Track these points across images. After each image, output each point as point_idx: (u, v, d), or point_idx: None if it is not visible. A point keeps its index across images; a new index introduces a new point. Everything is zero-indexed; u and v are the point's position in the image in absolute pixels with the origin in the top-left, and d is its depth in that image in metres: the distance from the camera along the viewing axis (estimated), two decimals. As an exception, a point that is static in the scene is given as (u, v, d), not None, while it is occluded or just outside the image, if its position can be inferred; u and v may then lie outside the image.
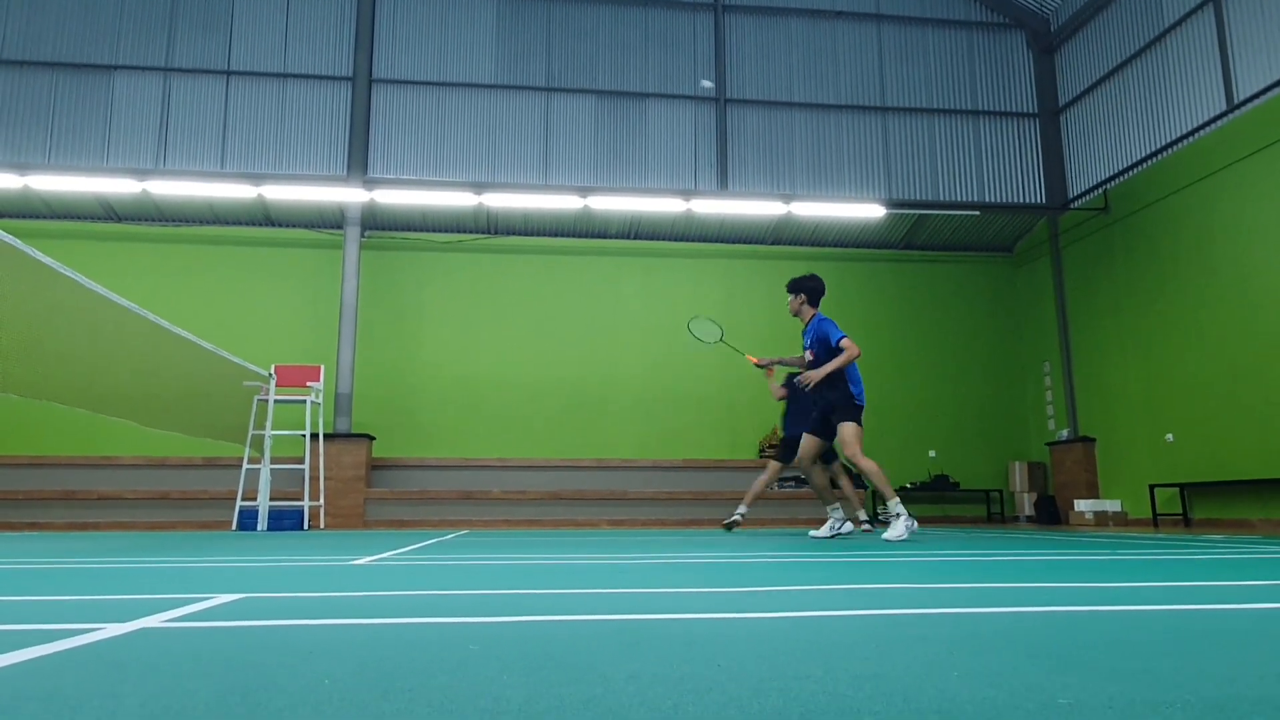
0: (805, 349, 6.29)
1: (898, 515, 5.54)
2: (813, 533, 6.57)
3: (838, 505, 6.53)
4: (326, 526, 10.19)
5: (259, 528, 8.97)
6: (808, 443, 6.13)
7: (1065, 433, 12.34)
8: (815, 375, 5.91)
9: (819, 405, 6.11)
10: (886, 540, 5.45)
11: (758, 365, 7.19)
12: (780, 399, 7.88)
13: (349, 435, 10.89)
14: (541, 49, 12.65)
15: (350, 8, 12.39)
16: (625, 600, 2.10)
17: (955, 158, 13.04)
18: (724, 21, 13.03)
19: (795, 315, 6.43)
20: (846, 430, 5.86)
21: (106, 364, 5.96)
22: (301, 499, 9.73)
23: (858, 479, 9.10)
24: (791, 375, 7.42)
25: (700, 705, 0.95)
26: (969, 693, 1.00)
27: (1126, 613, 1.81)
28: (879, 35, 13.28)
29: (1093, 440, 11.94)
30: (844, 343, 5.88)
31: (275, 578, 2.77)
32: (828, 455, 7.25)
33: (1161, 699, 0.97)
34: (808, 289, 6.36)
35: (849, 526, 6.63)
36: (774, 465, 7.92)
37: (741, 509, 7.91)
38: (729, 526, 7.94)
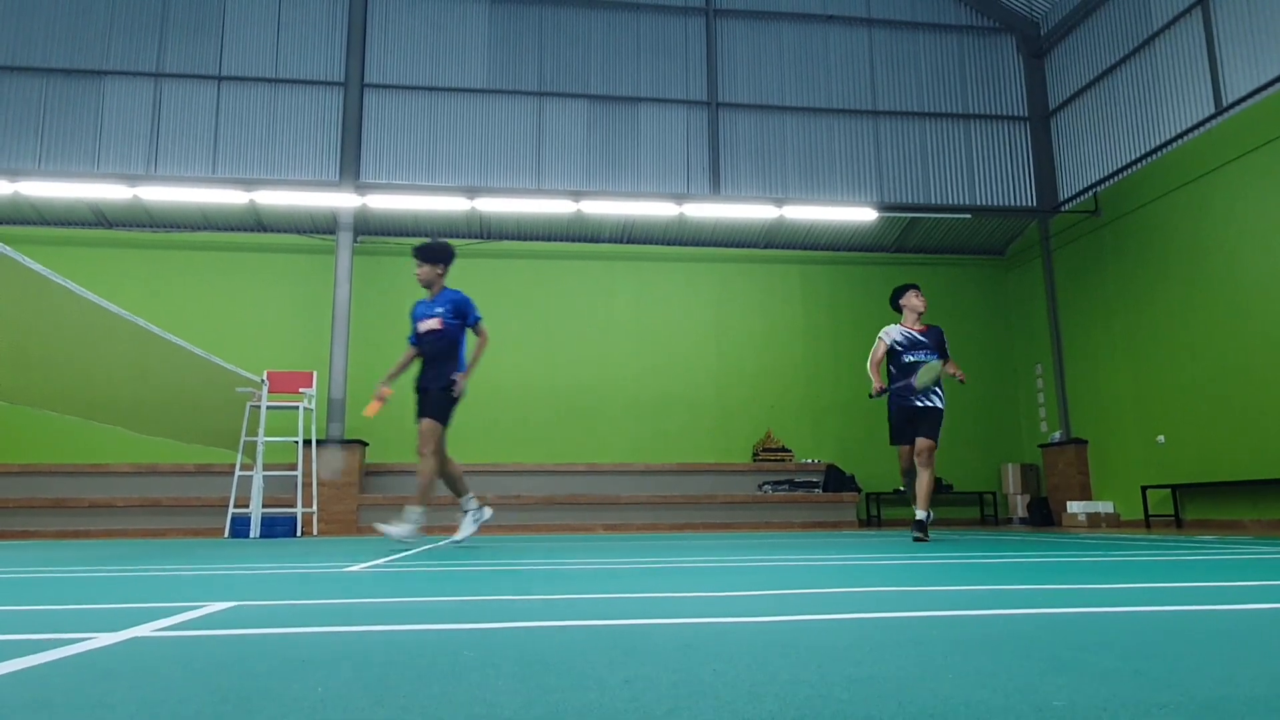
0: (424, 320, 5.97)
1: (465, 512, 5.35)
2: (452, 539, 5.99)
3: (470, 496, 6.14)
4: (319, 533, 10.15)
5: (251, 535, 8.93)
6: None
7: (1057, 435, 12.39)
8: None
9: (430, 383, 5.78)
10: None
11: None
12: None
13: (342, 441, 10.85)
14: (533, 54, 12.66)
15: (342, 13, 12.38)
16: (620, 605, 2.10)
17: (946, 161, 13.09)
18: (715, 26, 13.07)
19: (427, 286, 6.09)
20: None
21: (98, 371, 5.93)
22: (294, 505, 9.69)
23: None
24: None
25: (695, 710, 0.95)
26: (963, 695, 1.00)
27: (1120, 614, 1.82)
28: (870, 39, 13.33)
29: (1085, 442, 11.98)
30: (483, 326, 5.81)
31: (268, 585, 2.76)
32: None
33: (1155, 700, 0.97)
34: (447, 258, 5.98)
35: (488, 512, 6.36)
36: None
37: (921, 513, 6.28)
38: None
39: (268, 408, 9.52)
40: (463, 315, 5.96)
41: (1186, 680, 1.08)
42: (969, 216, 12.84)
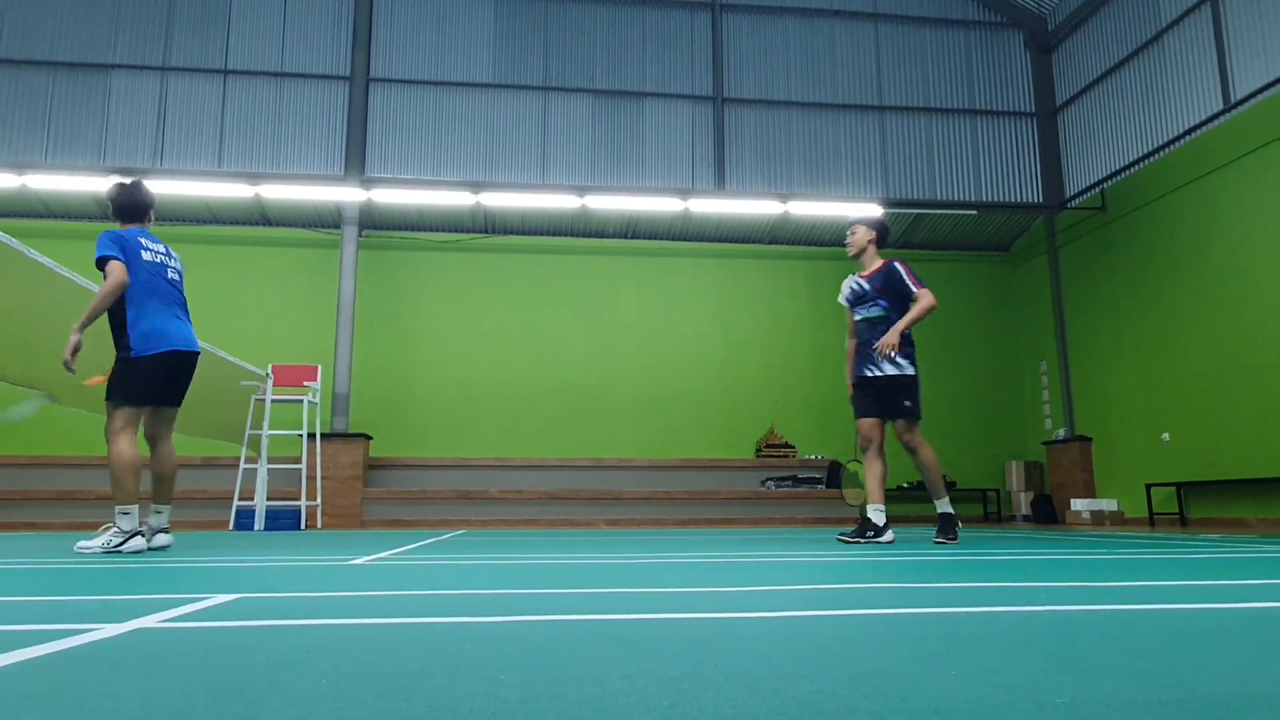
0: None
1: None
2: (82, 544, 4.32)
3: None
4: (323, 526, 10.18)
5: (256, 527, 8.96)
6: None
7: (1062, 432, 12.36)
8: None
9: None
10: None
11: None
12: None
13: (346, 435, 10.88)
14: (539, 48, 12.64)
15: (348, 7, 12.37)
16: (622, 600, 2.10)
17: (953, 157, 13.05)
18: (721, 21, 13.03)
19: None
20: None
21: (104, 363, 5.94)
22: (299, 499, 9.72)
23: None
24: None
25: (697, 705, 0.95)
26: (966, 691, 1.00)
27: (1123, 611, 1.82)
28: (876, 34, 13.28)
29: (1089, 440, 11.96)
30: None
31: (272, 577, 2.77)
32: None
33: (1158, 698, 0.97)
34: None
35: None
36: None
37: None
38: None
39: (273, 401, 9.54)
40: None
41: (1190, 678, 1.08)
42: (975, 212, 12.80)
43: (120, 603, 2.05)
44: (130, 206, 4.82)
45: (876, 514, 5.07)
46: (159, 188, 11.12)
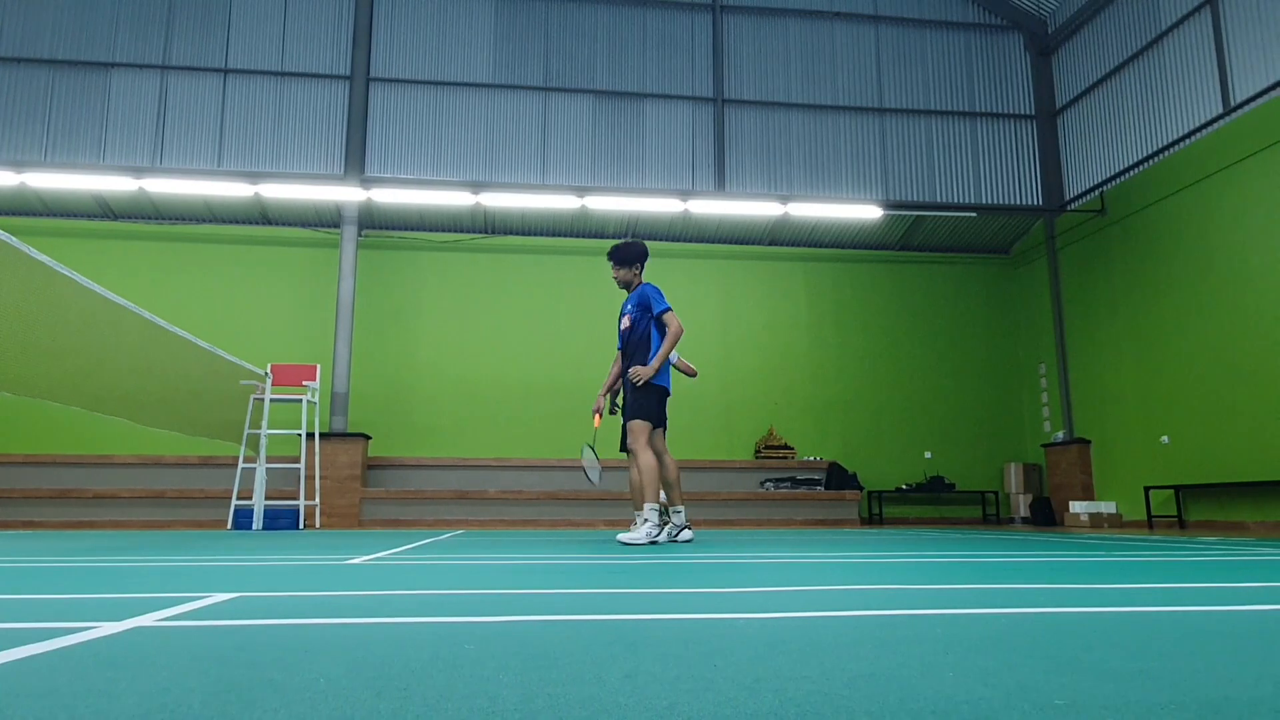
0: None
1: None
2: None
3: None
4: (322, 526, 10.17)
5: (254, 527, 8.95)
6: None
7: (1061, 434, 12.36)
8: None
9: None
10: None
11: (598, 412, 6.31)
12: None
13: (345, 434, 10.87)
14: (539, 48, 12.64)
15: (348, 6, 12.37)
16: (621, 600, 2.10)
17: (952, 159, 13.06)
18: (722, 22, 13.04)
19: (625, 287, 5.84)
20: None
21: (102, 362, 5.94)
22: (297, 498, 9.71)
23: None
24: None
25: (696, 704, 0.95)
26: (965, 693, 1.00)
27: (1122, 614, 1.82)
28: (876, 37, 13.29)
29: (1088, 442, 11.96)
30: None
31: (270, 577, 2.77)
32: None
33: (1157, 700, 0.97)
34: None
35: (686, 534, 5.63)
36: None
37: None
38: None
39: (271, 400, 9.54)
40: (648, 308, 5.55)
41: (1189, 680, 1.08)
42: (974, 215, 12.80)
43: (118, 601, 2.04)
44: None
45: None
46: (158, 186, 11.14)
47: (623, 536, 4.99)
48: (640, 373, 5.40)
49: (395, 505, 10.90)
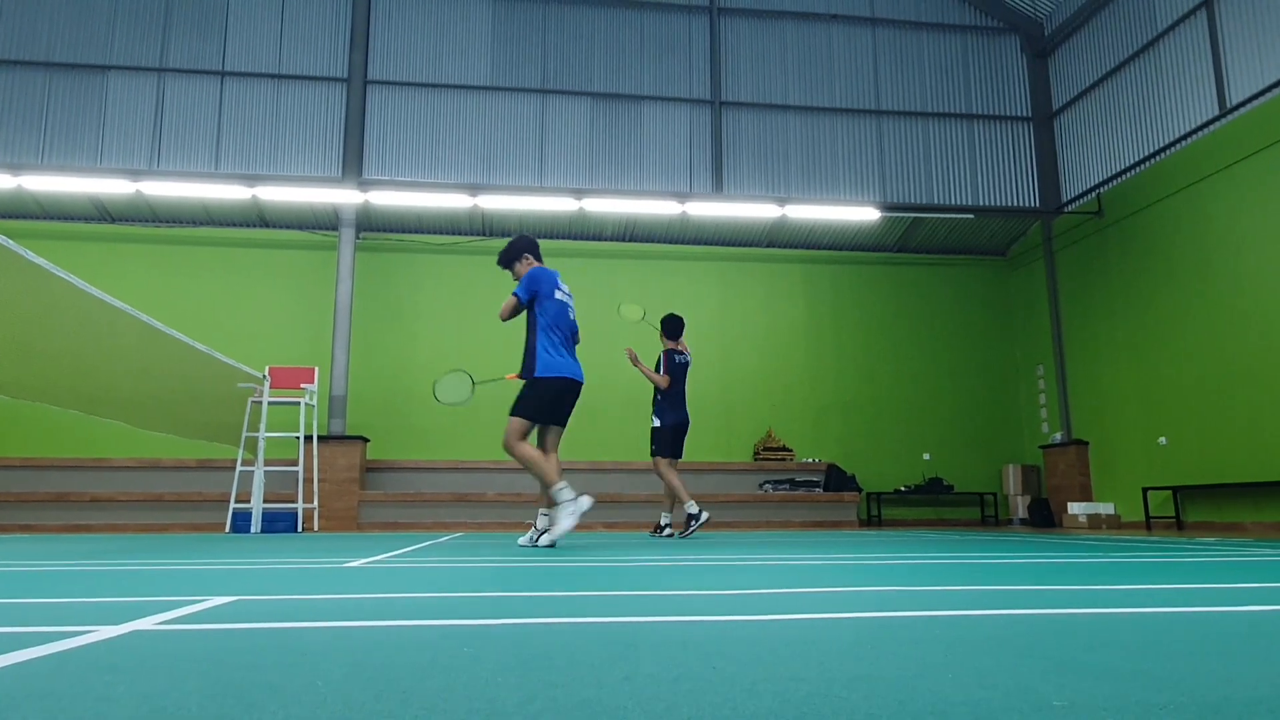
0: None
1: None
2: None
3: None
4: (320, 529, 10.16)
5: (252, 530, 8.94)
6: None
7: (1059, 436, 12.38)
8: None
9: None
10: None
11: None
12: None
13: (343, 437, 10.86)
14: (537, 51, 12.65)
15: (345, 9, 12.37)
16: (620, 603, 2.10)
17: (950, 161, 13.08)
18: (719, 24, 13.05)
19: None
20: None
21: (100, 365, 5.93)
22: (295, 501, 9.70)
23: None
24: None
25: (694, 706, 0.95)
26: (963, 694, 1.00)
27: (1120, 615, 1.82)
28: (873, 39, 13.32)
29: (1086, 443, 11.97)
30: None
31: (269, 580, 2.76)
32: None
33: (1156, 700, 0.97)
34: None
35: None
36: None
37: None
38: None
39: (269, 403, 9.53)
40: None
41: (1187, 681, 1.08)
42: (972, 217, 12.82)
43: (116, 605, 2.04)
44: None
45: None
46: (155, 189, 11.13)
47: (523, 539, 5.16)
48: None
49: (394, 508, 10.89)
